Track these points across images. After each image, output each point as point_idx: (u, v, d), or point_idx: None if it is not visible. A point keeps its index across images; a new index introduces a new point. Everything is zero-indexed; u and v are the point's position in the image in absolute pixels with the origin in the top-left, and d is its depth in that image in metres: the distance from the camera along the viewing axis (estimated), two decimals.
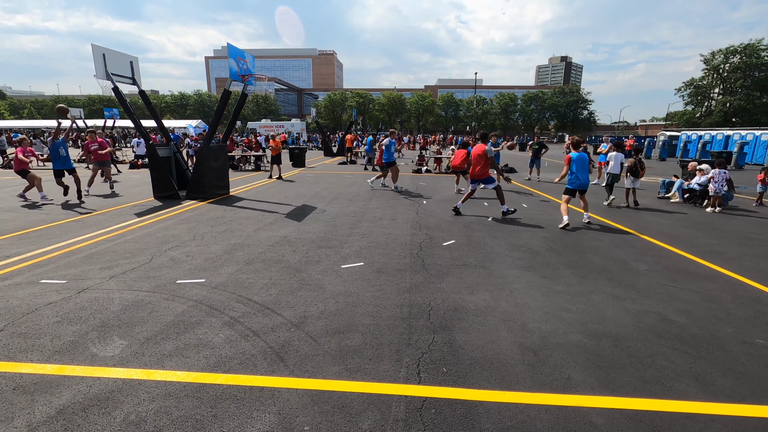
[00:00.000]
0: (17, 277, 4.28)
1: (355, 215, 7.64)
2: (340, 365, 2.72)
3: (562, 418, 2.24)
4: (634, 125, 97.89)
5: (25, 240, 5.69)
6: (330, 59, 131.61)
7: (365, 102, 78.21)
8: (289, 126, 46.71)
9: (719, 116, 46.97)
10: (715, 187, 8.58)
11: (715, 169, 8.71)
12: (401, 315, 3.49)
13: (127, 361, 2.74)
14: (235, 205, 8.58)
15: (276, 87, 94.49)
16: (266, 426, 2.15)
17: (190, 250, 5.26)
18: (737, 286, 4.31)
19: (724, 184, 8.61)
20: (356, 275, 4.44)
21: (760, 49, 44.25)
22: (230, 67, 9.00)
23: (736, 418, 2.27)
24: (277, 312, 3.50)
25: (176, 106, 79.91)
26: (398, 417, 2.24)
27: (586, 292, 4.06)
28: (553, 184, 12.23)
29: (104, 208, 8.02)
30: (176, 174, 10.07)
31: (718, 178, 8.57)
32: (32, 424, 2.14)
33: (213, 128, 9.74)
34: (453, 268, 4.70)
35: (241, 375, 2.59)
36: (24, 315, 3.39)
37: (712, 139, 25.63)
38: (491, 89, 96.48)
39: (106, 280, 4.19)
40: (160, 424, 2.15)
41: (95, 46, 8.42)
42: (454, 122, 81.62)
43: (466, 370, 2.68)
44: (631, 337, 3.16)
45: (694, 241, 6.11)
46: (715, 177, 8.61)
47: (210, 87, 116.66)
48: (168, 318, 3.36)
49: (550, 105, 77.58)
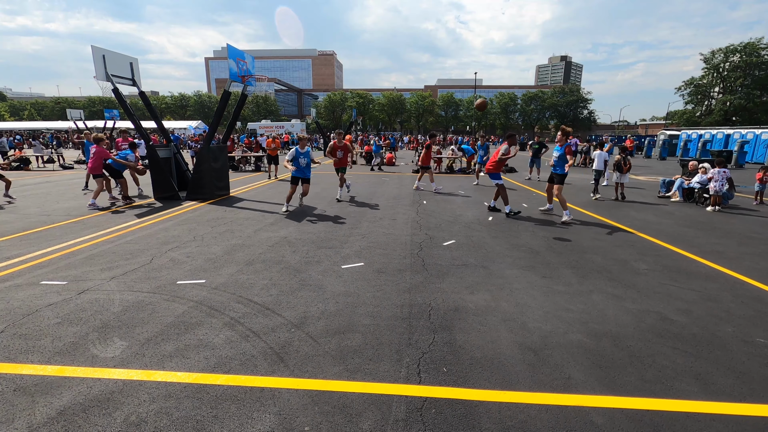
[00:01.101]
0: (18, 278, 4.29)
1: (355, 215, 7.64)
2: (340, 365, 2.72)
3: (563, 418, 2.24)
4: (635, 124, 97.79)
5: (26, 241, 5.70)
6: (330, 60, 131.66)
7: (365, 102, 78.20)
8: (289, 126, 46.73)
9: (719, 115, 46.93)
10: (716, 186, 8.58)
11: (715, 168, 8.72)
12: (401, 315, 3.49)
13: (128, 362, 2.74)
14: (235, 206, 8.58)
15: (276, 87, 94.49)
16: (266, 426, 2.16)
17: (191, 251, 5.26)
18: (738, 286, 4.31)
19: (725, 183, 8.61)
20: (356, 275, 4.44)
21: (760, 47, 44.20)
22: (230, 68, 9.00)
23: (737, 417, 2.27)
24: (278, 312, 3.50)
25: (176, 107, 80.00)
26: (398, 417, 2.24)
27: (587, 292, 4.06)
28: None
29: (104, 209, 8.02)
30: (176, 175, 10.08)
31: (718, 177, 8.57)
32: (33, 425, 2.14)
33: (213, 129, 9.74)
34: (453, 268, 4.70)
35: (241, 375, 2.60)
36: (24, 316, 3.39)
37: (713, 138, 25.63)
38: (491, 89, 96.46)
39: (107, 281, 4.19)
40: (161, 425, 2.15)
41: (95, 48, 8.42)
42: (454, 122, 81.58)
43: (466, 370, 2.68)
44: (632, 337, 3.16)
45: (694, 241, 6.11)
46: (716, 176, 8.61)
47: (210, 88, 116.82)
48: (168, 319, 3.36)
49: (550, 104, 77.50)
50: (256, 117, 71.10)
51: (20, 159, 16.40)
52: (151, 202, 9.06)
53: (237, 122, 12.12)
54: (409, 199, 9.61)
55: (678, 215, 8.12)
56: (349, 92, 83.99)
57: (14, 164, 16.09)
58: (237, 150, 17.59)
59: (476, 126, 74.97)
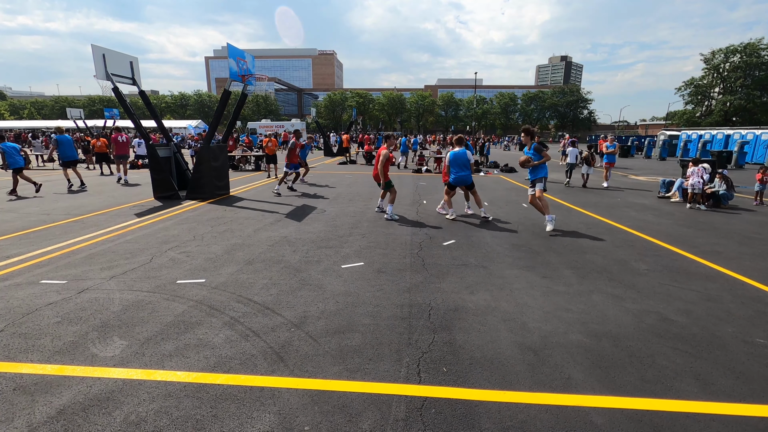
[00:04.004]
0: (17, 277, 4.28)
1: (355, 215, 7.63)
2: (340, 365, 2.72)
3: (563, 418, 2.24)
4: (634, 124, 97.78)
5: (25, 240, 5.69)
6: (330, 59, 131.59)
7: (365, 102, 78.26)
8: (289, 126, 46.73)
9: (719, 115, 46.97)
10: (692, 182, 8.82)
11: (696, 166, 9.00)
12: (401, 315, 3.49)
13: (128, 361, 2.74)
14: (235, 205, 8.58)
15: (276, 87, 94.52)
16: (266, 426, 2.15)
17: (191, 251, 5.26)
18: (737, 286, 4.31)
19: (700, 181, 8.81)
20: (356, 275, 4.44)
21: (761, 48, 44.23)
22: (230, 68, 9.00)
23: (737, 417, 2.27)
24: (278, 312, 3.50)
25: (176, 107, 79.99)
26: (398, 417, 2.24)
27: (587, 292, 4.06)
28: (559, 185, 12.82)
29: (104, 209, 8.02)
30: (176, 174, 10.08)
31: (695, 174, 8.82)
32: (32, 425, 2.14)
33: (213, 128, 9.74)
34: (453, 268, 4.70)
35: (241, 375, 2.59)
36: (24, 315, 3.39)
37: (713, 139, 25.63)
38: (491, 89, 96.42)
39: (107, 281, 4.19)
40: (161, 425, 2.15)
41: (95, 47, 8.42)
42: (454, 122, 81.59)
43: (466, 370, 2.68)
44: (632, 337, 3.16)
45: (694, 241, 6.11)
46: (694, 173, 8.85)
47: (210, 87, 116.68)
48: (168, 318, 3.36)
49: (550, 104, 77.55)
50: (256, 116, 71.14)
51: None
52: (151, 201, 9.05)
53: (237, 122, 12.12)
54: (410, 199, 9.61)
55: (678, 215, 8.12)
56: (349, 92, 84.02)
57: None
58: (237, 149, 17.60)
59: (476, 126, 74.94)
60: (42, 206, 8.22)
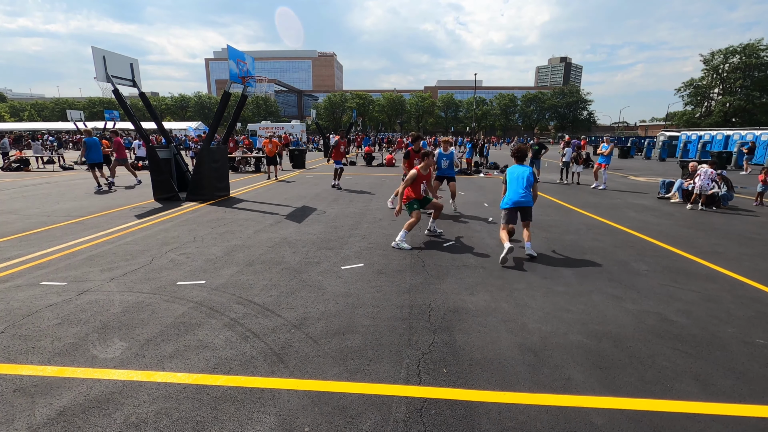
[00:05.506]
0: (18, 279, 4.29)
1: (355, 216, 7.64)
2: (340, 366, 2.72)
3: (563, 419, 2.24)
4: (634, 125, 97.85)
5: (26, 242, 5.70)
6: (330, 61, 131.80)
7: (365, 103, 78.29)
8: (289, 127, 46.68)
9: (719, 116, 46.99)
10: (700, 183, 8.77)
11: (704, 167, 8.91)
12: (401, 316, 3.49)
13: (128, 362, 2.74)
14: (235, 207, 8.58)
15: (276, 88, 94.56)
16: (266, 427, 2.15)
17: (191, 252, 5.26)
18: (737, 286, 4.31)
19: (710, 183, 8.77)
20: (356, 276, 4.44)
21: (760, 49, 44.27)
22: (230, 69, 9.01)
23: (737, 418, 2.27)
24: (278, 313, 3.50)
25: (176, 108, 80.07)
26: (398, 418, 2.24)
27: (587, 293, 4.06)
28: (554, 184, 13.03)
29: (104, 210, 8.02)
30: (176, 176, 10.08)
31: (703, 176, 8.76)
32: (32, 426, 2.14)
33: (213, 130, 9.75)
34: (453, 269, 4.70)
35: (241, 376, 2.59)
36: (24, 317, 3.39)
37: (712, 140, 25.63)
38: (491, 90, 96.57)
39: (107, 282, 4.19)
40: (161, 426, 2.15)
41: (95, 49, 8.44)
42: (454, 123, 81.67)
43: (466, 371, 2.68)
44: (632, 338, 3.16)
45: (694, 241, 6.11)
46: (702, 175, 8.80)
47: (210, 89, 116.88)
48: (168, 319, 3.36)
49: (550, 105, 77.65)
50: (256, 118, 71.12)
51: (20, 160, 16.44)
52: (151, 202, 9.06)
53: (237, 123, 12.14)
54: None
55: (678, 216, 8.12)
56: (349, 93, 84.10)
57: (14, 165, 16.12)
58: (237, 151, 17.61)
59: (476, 127, 75.01)
60: (42, 207, 8.23)
